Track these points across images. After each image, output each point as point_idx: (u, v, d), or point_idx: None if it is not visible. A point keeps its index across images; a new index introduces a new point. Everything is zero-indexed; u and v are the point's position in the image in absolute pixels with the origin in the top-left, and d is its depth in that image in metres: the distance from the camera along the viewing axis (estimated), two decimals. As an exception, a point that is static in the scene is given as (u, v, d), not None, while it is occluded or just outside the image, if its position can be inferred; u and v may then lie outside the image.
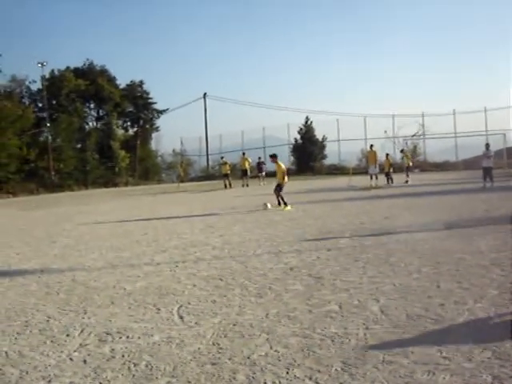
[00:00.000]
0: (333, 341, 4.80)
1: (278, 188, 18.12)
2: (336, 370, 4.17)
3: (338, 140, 55.05)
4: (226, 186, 34.67)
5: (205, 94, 62.05)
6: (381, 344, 4.66)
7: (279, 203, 17.92)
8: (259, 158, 41.56)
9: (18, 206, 30.16)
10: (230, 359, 4.50)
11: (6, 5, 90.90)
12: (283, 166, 18.70)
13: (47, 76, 55.52)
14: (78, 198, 35.12)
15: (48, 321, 5.92)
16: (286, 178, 18.31)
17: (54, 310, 6.34)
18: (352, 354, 4.48)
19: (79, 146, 55.49)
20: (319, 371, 4.16)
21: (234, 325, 5.41)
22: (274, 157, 18.96)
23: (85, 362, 4.64)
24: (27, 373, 4.46)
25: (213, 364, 4.42)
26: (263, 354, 4.58)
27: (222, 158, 40.15)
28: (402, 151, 37.04)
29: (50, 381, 4.26)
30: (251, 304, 6.15)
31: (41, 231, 15.50)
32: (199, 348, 4.81)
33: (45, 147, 50.26)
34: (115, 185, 52.33)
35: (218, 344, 4.88)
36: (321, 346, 4.70)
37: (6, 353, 4.98)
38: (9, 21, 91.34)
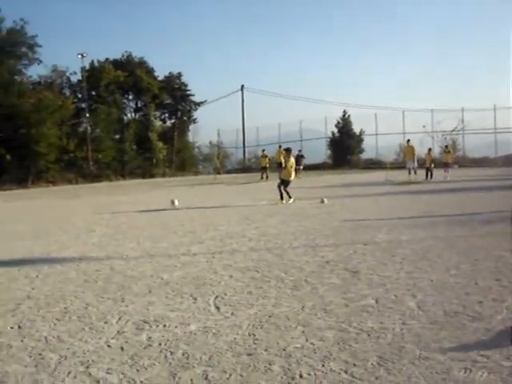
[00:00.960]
0: (369, 335, 4.78)
1: (283, 183, 18.22)
2: (372, 364, 4.14)
3: (376, 134, 54.52)
4: (262, 178, 34.71)
5: (242, 86, 62.08)
6: (417, 340, 4.61)
7: (281, 197, 18.00)
8: (299, 150, 41.31)
9: (58, 194, 30.67)
10: (265, 350, 4.51)
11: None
12: (293, 161, 18.92)
13: (87, 67, 56.14)
14: (115, 188, 35.53)
15: (86, 308, 6.01)
16: (293, 174, 18.54)
17: (92, 298, 6.43)
18: (388, 348, 4.45)
19: (118, 136, 56.07)
20: (355, 365, 4.14)
21: (270, 316, 5.42)
22: (288, 151, 19.33)
23: (122, 349, 4.69)
24: (66, 358, 4.53)
25: (248, 355, 4.44)
26: (299, 346, 4.58)
27: (263, 150, 40.04)
28: (446, 147, 36.52)
29: (88, 366, 4.32)
30: (287, 296, 6.15)
31: (80, 220, 15.73)
32: (235, 338, 4.83)
33: (84, 138, 50.91)
34: (152, 176, 52.75)
35: (254, 335, 4.90)
36: (357, 339, 4.68)
37: (45, 338, 5.07)
38: (50, 13, 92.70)
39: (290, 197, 17.91)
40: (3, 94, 46.88)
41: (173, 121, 64.39)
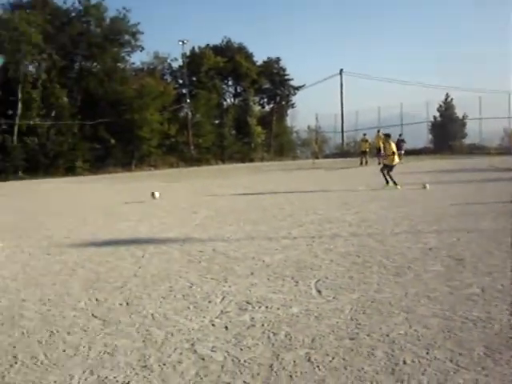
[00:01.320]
0: (475, 324, 4.64)
1: (387, 167, 18.02)
2: (478, 354, 4.02)
3: (480, 118, 52.46)
4: (361, 163, 34.26)
5: (341, 70, 61.27)
6: (528, 331, 4.44)
7: (387, 181, 17.77)
8: (400, 135, 40.37)
9: (160, 178, 31.56)
10: (368, 335, 4.48)
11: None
12: (393, 147, 18.65)
13: (188, 53, 57.23)
14: (215, 172, 36.15)
15: (191, 287, 6.17)
16: (396, 158, 18.31)
17: (196, 278, 6.59)
18: (495, 339, 4.30)
19: (217, 121, 56.93)
20: (460, 354, 4.03)
21: (372, 302, 5.37)
22: (388, 136, 19.42)
23: (226, 328, 4.79)
24: (172, 335, 4.68)
25: (351, 339, 4.42)
26: (402, 332, 4.51)
27: (364, 134, 39.34)
28: None
29: (193, 344, 4.44)
30: (389, 282, 6.06)
31: (182, 202, 16.14)
32: (337, 322, 4.82)
33: (185, 123, 52.02)
34: (251, 160, 53.24)
35: (357, 319, 4.87)
36: (462, 328, 4.55)
37: (152, 315, 5.25)
38: (151, 0, 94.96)
39: (395, 183, 17.62)
40: (107, 81, 48.64)
41: (271, 106, 64.61)
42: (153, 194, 17.45)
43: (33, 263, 8.11)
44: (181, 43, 54.13)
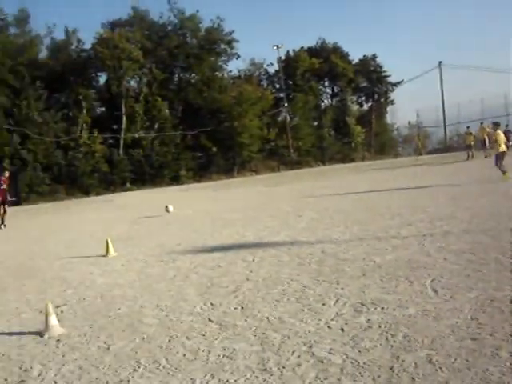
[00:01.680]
0: None
1: (499, 158, 17.37)
2: None
3: None
4: (468, 158, 33.13)
5: (440, 62, 59.61)
6: None
7: (504, 172, 17.08)
8: (506, 125, 38.73)
9: (262, 182, 31.84)
10: (490, 335, 4.30)
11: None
12: (501, 135, 18.26)
13: (283, 57, 57.55)
14: (316, 173, 36.07)
15: (303, 290, 6.16)
16: (503, 146, 17.91)
17: (307, 280, 6.58)
18: None
19: (315, 123, 56.86)
20: None
21: (492, 300, 5.15)
22: (496, 125, 19.25)
23: (342, 330, 4.74)
24: (289, 338, 4.68)
25: (473, 339, 4.26)
26: (529, 331, 4.31)
27: (467, 127, 38.08)
28: None
29: (310, 346, 4.43)
30: (509, 280, 5.79)
31: (286, 205, 16.20)
32: (457, 322, 4.66)
33: (283, 126, 52.34)
34: (352, 160, 52.77)
35: (477, 319, 4.69)
36: None
37: (267, 318, 5.27)
38: (244, 7, 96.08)
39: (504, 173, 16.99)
40: (206, 91, 49.70)
41: (370, 104, 63.82)
42: (167, 208, 17.59)
43: (148, 271, 8.38)
44: (275, 48, 54.51)
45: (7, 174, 18.31)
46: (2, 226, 17.61)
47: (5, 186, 17.80)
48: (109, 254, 10.18)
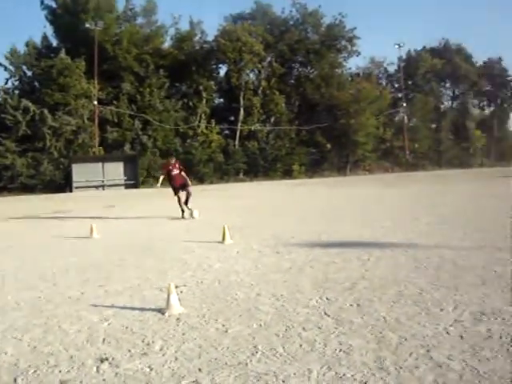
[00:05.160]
0: None
1: None
2: None
3: None
4: None
5: None
6: None
7: None
8: None
9: (374, 183, 31.47)
10: None
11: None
12: None
13: (404, 57, 56.55)
14: (432, 177, 35.22)
15: (421, 293, 6.08)
16: None
17: (425, 284, 6.48)
18: None
19: (434, 125, 55.56)
20: None
21: None
22: None
23: (461, 337, 4.65)
24: (406, 339, 4.65)
25: None
26: None
27: None
28: None
29: (428, 350, 4.38)
30: None
31: (402, 208, 16.01)
32: None
33: (400, 127, 51.54)
34: (469, 166, 51.13)
35: None
36: None
37: (384, 318, 5.26)
38: (366, 3, 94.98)
39: None
40: (324, 87, 49.72)
41: (492, 108, 61.50)
42: (191, 214, 15.84)
43: (263, 260, 8.54)
44: (397, 47, 53.71)
45: (173, 160, 17.23)
46: (190, 214, 15.93)
47: (176, 172, 16.73)
48: (225, 241, 10.46)
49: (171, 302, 5.80)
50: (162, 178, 17.08)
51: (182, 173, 16.85)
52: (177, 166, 16.88)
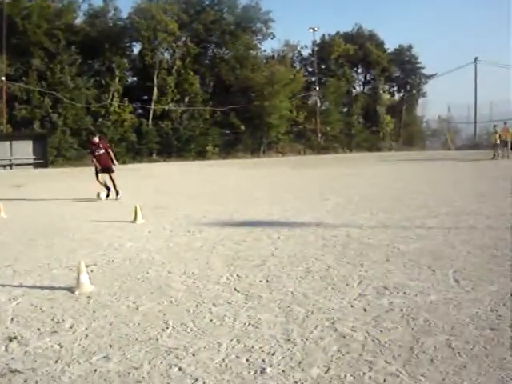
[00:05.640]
0: None
1: None
2: None
3: None
4: (494, 156, 32.99)
5: (476, 58, 58.88)
6: None
7: None
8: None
9: (288, 164, 31.93)
10: (510, 327, 4.40)
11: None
12: None
13: (318, 41, 57.29)
14: (342, 160, 36.05)
15: (328, 269, 6.31)
16: None
17: (332, 261, 6.72)
18: None
19: (345, 109, 56.67)
20: None
21: (512, 295, 5.25)
22: None
23: (365, 310, 4.88)
24: (312, 313, 4.83)
25: (492, 329, 4.37)
26: (547, 326, 4.40)
27: (494, 126, 37.95)
28: None
29: (333, 322, 4.58)
30: (531, 276, 5.88)
31: (312, 189, 16.33)
32: (477, 312, 4.77)
33: (313, 110, 52.22)
34: (378, 149, 52.55)
35: (497, 311, 4.79)
36: None
37: (291, 293, 5.43)
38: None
39: None
40: (239, 68, 49.68)
41: (401, 94, 63.32)
42: (98, 195, 15.29)
43: (175, 239, 8.58)
44: (311, 30, 54.32)
45: (96, 139, 15.85)
46: (118, 196, 15.26)
47: (101, 151, 15.52)
48: (137, 221, 10.41)
49: (81, 281, 5.76)
50: (93, 159, 15.70)
51: (110, 151, 15.75)
52: (101, 145, 15.71)
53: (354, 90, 60.40)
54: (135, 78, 51.94)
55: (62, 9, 47.72)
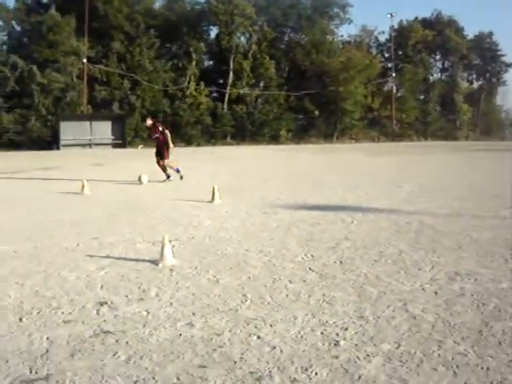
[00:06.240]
0: None
1: None
2: None
3: None
4: None
5: None
6: None
7: None
8: None
9: (362, 151, 31.82)
10: None
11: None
12: None
13: (395, 27, 56.45)
14: (417, 148, 35.63)
15: (400, 254, 6.45)
16: None
17: (404, 246, 6.85)
18: None
19: (422, 97, 55.80)
20: None
21: None
22: None
23: (436, 293, 5.02)
24: (385, 293, 5.01)
25: None
26: None
27: None
28: None
29: (405, 304, 4.74)
30: None
31: (385, 176, 16.36)
32: (551, 304, 4.82)
33: (388, 96, 51.65)
34: (455, 138, 51.60)
35: None
36: None
37: (365, 274, 5.62)
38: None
39: None
40: (315, 53, 49.61)
41: (480, 82, 61.77)
42: (140, 179, 15.06)
43: (251, 220, 8.89)
44: (389, 16, 53.65)
45: (149, 122, 15.81)
46: (167, 179, 15.39)
47: (156, 135, 15.46)
48: (214, 201, 10.78)
49: (165, 254, 6.11)
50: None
51: (167, 133, 15.45)
52: (158, 129, 15.55)
53: (431, 77, 59.42)
54: (211, 62, 52.72)
55: (141, -7, 48.83)
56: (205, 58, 51.32)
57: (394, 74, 52.83)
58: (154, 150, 15.99)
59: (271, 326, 4.27)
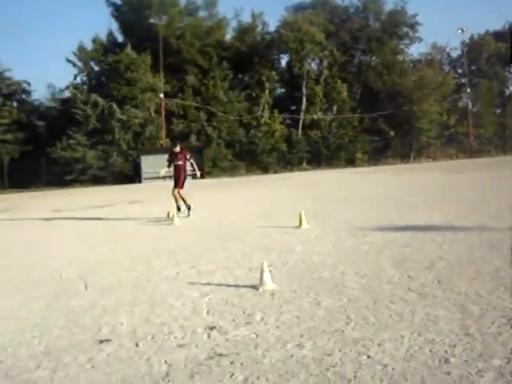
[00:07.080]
0: None
1: None
2: None
3: None
4: None
5: None
6: None
7: None
8: None
9: (440, 169, 31.36)
10: None
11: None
12: None
13: (467, 41, 55.61)
14: (497, 163, 34.75)
15: (497, 271, 6.42)
16: None
17: (500, 263, 6.77)
18: None
19: (498, 111, 54.56)
20: None
21: None
22: None
23: None
24: (487, 310, 5.02)
25: None
26: None
27: None
28: None
29: (510, 320, 4.74)
30: None
31: (469, 193, 16.17)
32: None
33: (464, 113, 50.79)
34: (536, 152, 50.05)
35: None
36: None
37: (464, 292, 5.65)
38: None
39: None
40: (386, 74, 49.50)
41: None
42: (168, 215, 14.05)
43: (342, 244, 9.01)
44: (460, 31, 52.88)
45: (177, 148, 15.36)
46: (188, 211, 14.82)
47: (179, 163, 15.07)
48: (302, 226, 10.96)
49: (264, 279, 6.33)
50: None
51: (193, 162, 15.28)
52: (182, 156, 15.13)
53: (506, 90, 57.99)
54: (283, 90, 53.35)
55: (212, 27, 50.22)
56: (277, 86, 52.01)
57: (468, 90, 51.98)
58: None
59: (379, 345, 4.39)
